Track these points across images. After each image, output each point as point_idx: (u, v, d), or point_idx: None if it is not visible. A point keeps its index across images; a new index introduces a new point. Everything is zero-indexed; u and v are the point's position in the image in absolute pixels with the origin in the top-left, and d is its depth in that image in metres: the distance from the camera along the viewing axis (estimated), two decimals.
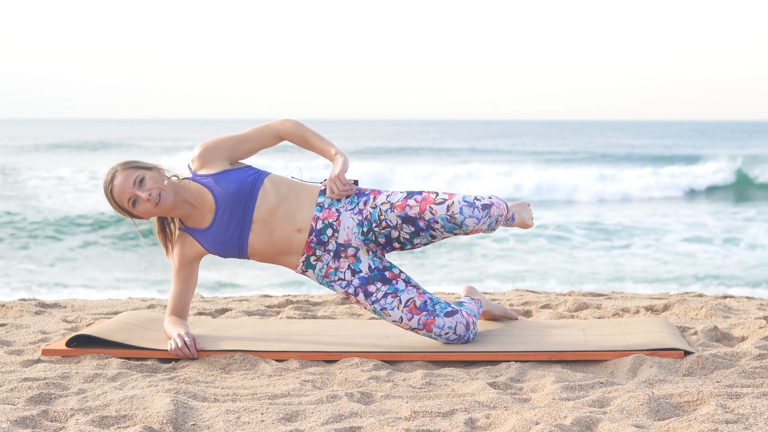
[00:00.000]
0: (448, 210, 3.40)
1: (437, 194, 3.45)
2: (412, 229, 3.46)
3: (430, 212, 3.41)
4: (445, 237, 3.48)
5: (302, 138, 3.61)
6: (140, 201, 3.45)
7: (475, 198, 3.42)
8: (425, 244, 3.53)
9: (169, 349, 3.44)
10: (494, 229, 3.52)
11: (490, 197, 3.46)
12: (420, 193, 3.48)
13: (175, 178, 3.57)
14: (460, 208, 3.39)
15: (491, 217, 3.42)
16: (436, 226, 3.42)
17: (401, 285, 3.52)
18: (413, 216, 3.44)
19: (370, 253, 3.55)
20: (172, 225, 3.62)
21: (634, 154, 36.90)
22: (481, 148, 42.49)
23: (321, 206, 3.52)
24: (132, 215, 3.50)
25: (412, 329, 3.52)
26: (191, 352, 3.41)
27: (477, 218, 3.39)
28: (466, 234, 3.45)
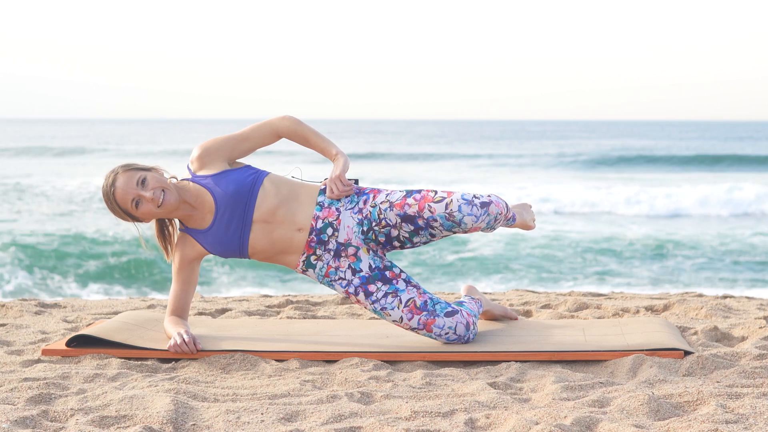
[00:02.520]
0: (446, 208, 3.39)
1: (436, 192, 3.44)
2: (412, 227, 3.46)
3: (429, 210, 3.41)
4: (445, 235, 3.48)
5: (302, 137, 3.60)
6: (144, 201, 3.44)
7: (474, 196, 3.42)
8: (425, 243, 3.53)
9: (168, 346, 3.44)
10: (494, 228, 3.52)
11: (489, 195, 3.46)
12: (419, 191, 3.48)
13: (174, 180, 3.56)
14: (459, 206, 3.38)
15: (490, 215, 3.42)
16: (435, 224, 3.42)
17: (401, 285, 3.52)
18: (412, 214, 3.44)
19: (371, 252, 3.54)
20: (171, 228, 3.62)
21: (732, 155, 34.61)
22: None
23: (321, 205, 3.52)
24: (134, 218, 3.49)
25: (412, 329, 3.52)
26: (190, 348, 3.41)
27: (475, 216, 3.39)
28: (465, 232, 3.45)
